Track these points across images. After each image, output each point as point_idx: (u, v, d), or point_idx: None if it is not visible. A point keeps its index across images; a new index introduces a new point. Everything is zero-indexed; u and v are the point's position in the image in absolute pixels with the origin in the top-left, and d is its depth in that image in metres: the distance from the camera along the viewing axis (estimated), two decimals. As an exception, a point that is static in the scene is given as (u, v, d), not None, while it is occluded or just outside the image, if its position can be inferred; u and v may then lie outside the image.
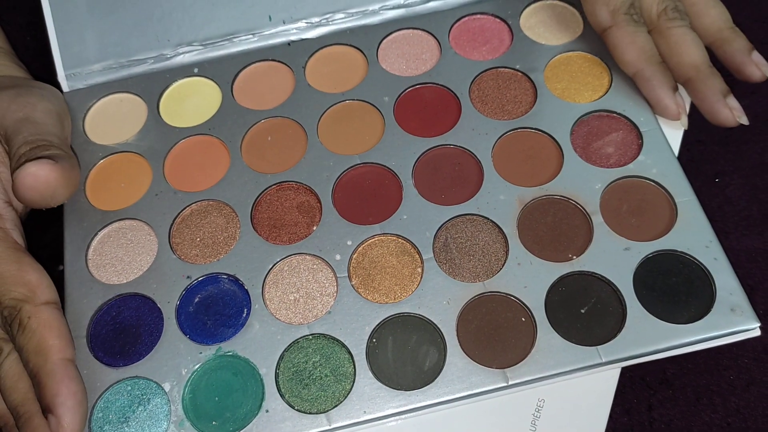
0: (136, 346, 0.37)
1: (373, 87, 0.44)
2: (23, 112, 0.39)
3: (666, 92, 0.40)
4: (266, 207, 0.41)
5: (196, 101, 0.45)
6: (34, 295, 0.35)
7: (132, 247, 0.40)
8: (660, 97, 0.40)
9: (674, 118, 0.40)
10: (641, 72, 0.40)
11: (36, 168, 0.35)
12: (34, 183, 0.35)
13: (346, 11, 0.46)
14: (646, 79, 0.40)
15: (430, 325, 0.36)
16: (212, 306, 0.38)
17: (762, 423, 0.36)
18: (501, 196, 0.39)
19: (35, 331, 0.34)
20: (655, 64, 0.40)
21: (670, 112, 0.40)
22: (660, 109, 0.41)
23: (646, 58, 0.40)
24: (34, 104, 0.40)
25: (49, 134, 0.39)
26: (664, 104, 0.40)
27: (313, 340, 0.37)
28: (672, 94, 0.40)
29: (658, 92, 0.40)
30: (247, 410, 0.35)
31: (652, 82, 0.40)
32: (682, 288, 0.36)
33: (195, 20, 0.45)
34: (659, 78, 0.40)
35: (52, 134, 0.39)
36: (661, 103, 0.40)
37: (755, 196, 0.42)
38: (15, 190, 0.36)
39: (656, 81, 0.40)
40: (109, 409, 0.35)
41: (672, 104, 0.40)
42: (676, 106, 0.40)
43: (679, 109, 0.40)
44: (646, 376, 0.37)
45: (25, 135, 0.37)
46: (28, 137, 0.37)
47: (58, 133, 0.40)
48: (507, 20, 0.46)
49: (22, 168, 0.35)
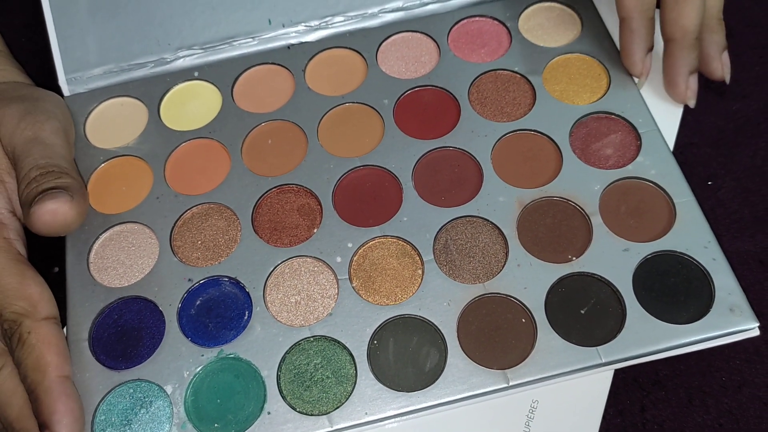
0: (137, 348, 0.37)
1: (372, 90, 0.44)
2: (32, 132, 0.39)
3: (640, 49, 0.41)
4: (267, 210, 0.41)
5: (196, 105, 0.45)
6: (35, 309, 0.35)
7: (133, 250, 0.40)
8: (633, 51, 0.41)
9: (636, 75, 0.42)
10: (630, 20, 0.41)
11: (56, 205, 0.36)
12: (52, 220, 0.36)
13: (345, 14, 0.46)
14: (632, 29, 0.41)
15: (431, 327, 0.37)
16: (214, 308, 0.38)
17: (753, 424, 0.36)
18: (500, 197, 0.40)
19: (34, 346, 0.34)
20: (646, 19, 0.41)
21: (635, 68, 0.42)
22: (628, 61, 0.42)
23: (641, 9, 0.41)
24: (42, 123, 0.40)
25: (58, 157, 0.39)
26: (633, 60, 0.41)
27: (315, 342, 0.37)
28: (644, 54, 0.41)
29: (634, 46, 0.41)
30: (248, 412, 0.35)
31: (635, 35, 0.41)
32: (681, 288, 0.37)
33: (195, 24, 0.45)
34: (642, 33, 0.41)
35: (61, 157, 0.39)
36: (631, 57, 0.41)
37: (747, 198, 0.42)
38: (30, 223, 0.36)
39: (638, 35, 0.41)
40: (112, 412, 0.36)
41: (639, 62, 0.41)
42: (642, 66, 0.41)
43: (644, 69, 0.41)
44: (638, 377, 0.37)
45: (35, 157, 0.38)
46: (39, 160, 0.38)
47: (66, 155, 0.40)
48: (505, 23, 0.46)
49: (41, 204, 0.35)
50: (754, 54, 0.46)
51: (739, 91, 0.45)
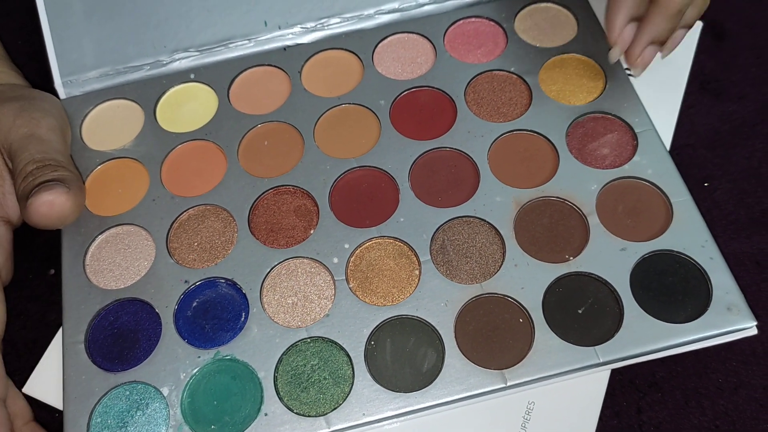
0: (134, 350, 0.37)
1: (368, 91, 0.44)
2: (28, 128, 0.39)
3: (620, 17, 0.39)
4: (263, 211, 0.41)
5: (192, 107, 0.45)
6: None
7: (130, 252, 0.40)
8: (612, 17, 0.40)
9: (610, 42, 0.40)
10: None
11: (52, 196, 0.36)
12: (48, 211, 0.36)
13: (341, 16, 0.46)
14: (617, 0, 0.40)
15: (428, 327, 0.36)
16: (210, 310, 0.38)
17: (750, 425, 0.36)
18: (497, 197, 0.40)
19: None
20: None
21: (611, 32, 0.40)
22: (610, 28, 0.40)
23: None
24: (38, 120, 0.40)
25: (54, 152, 0.39)
26: (612, 25, 0.40)
27: (312, 343, 0.37)
28: (624, 21, 0.39)
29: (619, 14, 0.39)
30: (245, 414, 0.35)
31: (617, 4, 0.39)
32: (679, 287, 0.37)
33: (191, 26, 0.45)
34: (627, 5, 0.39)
35: (58, 152, 0.39)
36: (614, 24, 0.40)
37: (743, 200, 0.42)
38: (27, 215, 0.36)
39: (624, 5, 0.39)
40: (108, 414, 0.35)
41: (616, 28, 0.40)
42: (617, 32, 0.40)
43: (620, 39, 0.40)
44: (635, 379, 0.37)
45: (31, 152, 0.38)
46: (35, 155, 0.38)
47: (62, 150, 0.40)
48: (501, 23, 0.46)
49: (37, 196, 0.35)
50: (750, 55, 0.47)
51: (735, 93, 0.45)
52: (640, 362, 0.36)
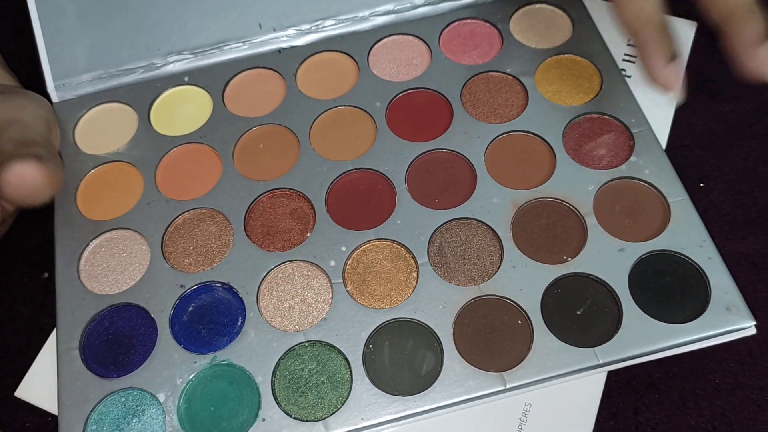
0: (129, 356, 0.37)
1: (364, 93, 0.44)
2: (11, 114, 0.39)
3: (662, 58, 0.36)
4: (259, 214, 0.40)
5: (187, 110, 0.45)
6: None
7: (124, 257, 0.40)
8: (655, 63, 0.36)
9: (667, 88, 0.37)
10: (639, 34, 0.37)
11: (22, 167, 0.35)
12: (19, 182, 0.35)
13: (336, 18, 0.46)
14: (644, 42, 0.37)
15: (427, 330, 0.36)
16: (206, 315, 0.37)
17: (747, 426, 0.36)
18: (494, 199, 0.39)
19: None
20: (651, 28, 0.37)
21: (663, 79, 0.36)
22: (653, 75, 0.37)
23: (642, 21, 0.37)
24: (23, 106, 0.39)
25: (35, 134, 0.38)
26: (658, 70, 0.36)
27: (309, 347, 0.36)
28: (664, 62, 0.36)
29: (654, 57, 0.36)
30: (243, 419, 0.35)
31: (649, 47, 0.36)
32: (677, 288, 0.37)
33: (185, 29, 0.45)
34: (657, 43, 0.36)
35: (39, 134, 0.39)
36: (655, 69, 0.36)
37: (739, 200, 0.42)
38: None
39: (654, 46, 0.36)
40: (104, 421, 0.35)
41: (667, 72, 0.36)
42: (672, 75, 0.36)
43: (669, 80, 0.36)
44: (632, 380, 0.37)
45: (11, 134, 0.37)
46: (14, 135, 0.37)
47: (44, 134, 0.40)
48: (497, 24, 0.46)
49: (7, 166, 0.35)
50: (746, 55, 0.47)
51: (731, 93, 0.45)
52: (637, 363, 0.36)
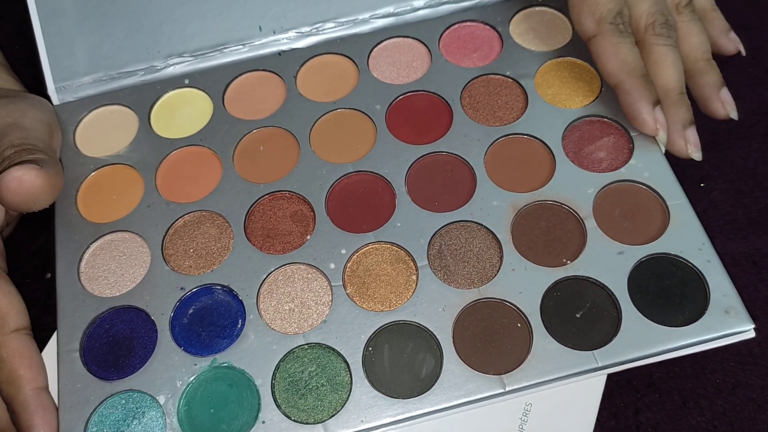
0: (129, 359, 0.37)
1: (364, 95, 0.44)
2: (12, 118, 0.39)
3: (644, 106, 0.38)
4: (259, 217, 0.40)
5: (187, 112, 0.45)
6: (4, 322, 0.35)
7: (124, 259, 0.40)
8: (637, 111, 0.39)
9: (651, 134, 0.39)
10: (621, 84, 0.39)
11: (21, 173, 0.35)
12: (18, 188, 0.35)
13: (336, 20, 0.46)
14: (626, 92, 0.39)
15: (426, 333, 0.36)
16: (206, 317, 0.38)
17: (748, 426, 0.36)
18: (494, 202, 0.40)
19: (5, 360, 0.34)
20: (636, 77, 0.39)
21: (647, 126, 0.39)
22: (638, 123, 0.39)
23: (627, 71, 0.39)
24: (24, 111, 0.40)
25: (35, 139, 0.39)
26: (642, 119, 0.39)
27: (309, 349, 0.36)
28: (650, 109, 0.38)
29: (636, 106, 0.39)
30: (243, 422, 0.35)
31: (632, 96, 0.39)
32: (676, 291, 0.37)
33: (185, 32, 0.45)
34: (639, 91, 0.39)
35: (39, 139, 0.39)
36: (638, 117, 0.39)
37: (739, 200, 0.42)
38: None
39: (635, 95, 0.39)
40: (104, 423, 0.35)
41: (650, 119, 0.38)
42: (653, 121, 0.39)
43: (657, 124, 0.39)
44: (632, 379, 0.37)
45: (11, 138, 0.37)
46: (14, 140, 0.37)
47: (45, 139, 0.40)
48: (497, 27, 0.46)
49: (7, 172, 0.35)
50: (746, 55, 0.47)
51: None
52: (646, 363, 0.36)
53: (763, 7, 0.45)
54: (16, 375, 0.34)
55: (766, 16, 0.47)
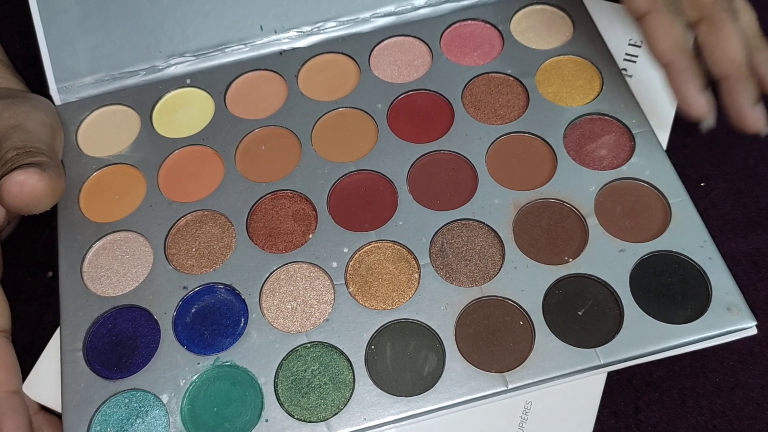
0: (133, 358, 0.37)
1: (365, 94, 0.44)
2: (15, 120, 0.39)
3: (696, 88, 0.38)
4: (261, 216, 0.41)
5: (189, 112, 0.45)
6: None
7: (127, 258, 0.40)
8: (689, 92, 0.38)
9: (700, 117, 0.38)
10: (673, 63, 0.38)
11: (23, 176, 0.35)
12: (20, 191, 0.35)
13: (337, 20, 0.46)
14: (678, 71, 0.38)
15: (429, 331, 0.36)
16: (209, 316, 0.38)
17: (747, 425, 0.36)
18: (496, 200, 0.40)
19: None
20: (688, 58, 0.38)
21: (697, 108, 0.38)
22: (687, 104, 0.38)
23: (680, 50, 0.38)
24: (27, 113, 0.40)
25: (38, 141, 0.39)
26: (693, 100, 0.38)
27: (312, 348, 0.36)
28: (701, 91, 0.38)
29: (688, 86, 0.38)
30: (246, 420, 0.35)
31: (683, 76, 0.38)
32: (678, 288, 0.37)
33: (186, 31, 0.45)
34: (691, 73, 0.38)
35: (42, 141, 0.39)
36: (689, 98, 0.38)
37: (739, 200, 0.42)
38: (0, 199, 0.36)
39: (688, 75, 0.38)
40: (107, 423, 0.35)
41: (701, 101, 0.38)
42: (705, 104, 0.38)
43: (707, 108, 0.38)
44: (632, 378, 0.37)
45: (14, 140, 0.37)
46: (17, 143, 0.37)
47: (47, 141, 0.40)
48: (497, 25, 0.46)
49: (9, 176, 0.35)
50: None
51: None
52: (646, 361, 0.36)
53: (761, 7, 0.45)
54: None
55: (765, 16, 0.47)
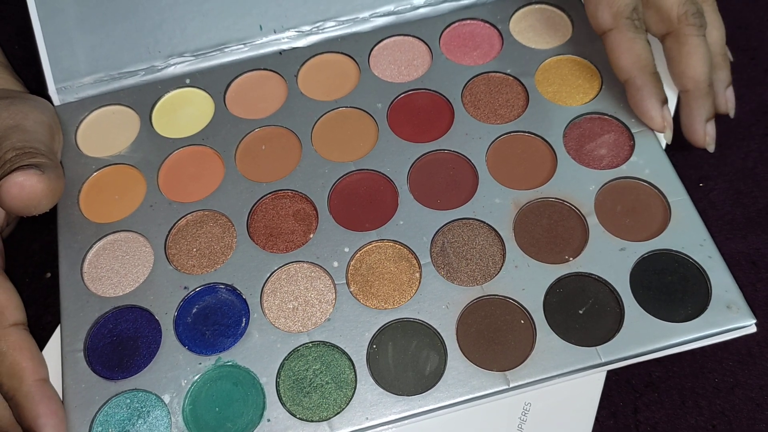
0: (134, 358, 0.37)
1: (365, 94, 0.44)
2: (14, 120, 0.39)
3: (654, 104, 0.40)
4: (262, 216, 0.41)
5: (188, 112, 0.45)
6: (2, 316, 0.35)
7: (128, 259, 0.40)
8: (647, 108, 0.40)
9: (659, 130, 0.40)
10: (633, 79, 0.40)
11: (23, 178, 0.35)
12: (19, 193, 0.35)
13: (336, 19, 0.46)
14: (637, 87, 0.40)
15: (430, 330, 0.36)
16: (210, 316, 0.38)
17: (746, 425, 0.36)
18: (496, 199, 0.40)
19: (6, 353, 0.34)
20: (648, 74, 0.40)
21: (655, 123, 0.40)
22: (646, 119, 0.40)
23: (640, 66, 0.40)
24: (26, 113, 0.40)
25: (37, 142, 0.39)
26: (650, 115, 0.40)
27: (313, 347, 0.37)
28: (659, 107, 0.40)
29: (646, 103, 0.40)
30: (248, 420, 0.35)
31: (642, 92, 0.40)
32: (678, 287, 0.37)
33: (186, 31, 0.45)
34: (650, 88, 0.40)
35: (40, 142, 0.39)
36: (647, 113, 0.40)
37: (738, 200, 0.42)
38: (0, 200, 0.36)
39: (646, 91, 0.40)
40: (109, 423, 0.35)
41: (658, 116, 0.40)
42: (662, 119, 0.40)
43: (665, 122, 0.40)
44: (631, 379, 0.37)
45: (13, 141, 0.37)
46: (16, 143, 0.37)
47: (46, 141, 0.40)
48: (497, 25, 0.46)
49: (8, 177, 0.35)
50: (745, 56, 0.47)
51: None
52: (637, 362, 0.36)
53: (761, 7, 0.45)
54: (19, 367, 0.34)
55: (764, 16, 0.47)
